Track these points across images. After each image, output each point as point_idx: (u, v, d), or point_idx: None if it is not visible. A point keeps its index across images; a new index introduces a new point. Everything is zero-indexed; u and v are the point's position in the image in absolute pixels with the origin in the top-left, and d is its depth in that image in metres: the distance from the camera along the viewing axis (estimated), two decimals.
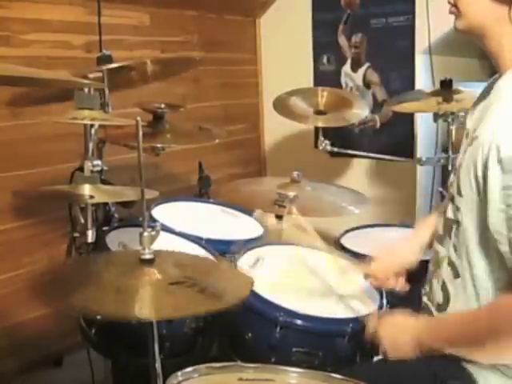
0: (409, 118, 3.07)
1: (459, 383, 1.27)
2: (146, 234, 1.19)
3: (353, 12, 3.18)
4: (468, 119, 1.38)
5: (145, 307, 1.10)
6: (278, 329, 1.50)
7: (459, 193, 1.25)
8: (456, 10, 1.27)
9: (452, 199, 1.29)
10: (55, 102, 1.84)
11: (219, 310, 1.12)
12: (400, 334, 1.35)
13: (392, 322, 1.39)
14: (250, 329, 1.57)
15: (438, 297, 1.35)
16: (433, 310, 1.38)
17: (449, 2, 1.29)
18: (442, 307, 1.34)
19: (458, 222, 1.27)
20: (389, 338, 1.37)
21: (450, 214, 1.30)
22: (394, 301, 1.63)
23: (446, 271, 1.32)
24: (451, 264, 1.30)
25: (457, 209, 1.26)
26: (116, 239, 1.76)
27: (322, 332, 1.53)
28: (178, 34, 3.05)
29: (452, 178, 1.35)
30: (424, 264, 1.50)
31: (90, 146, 1.70)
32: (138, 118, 1.17)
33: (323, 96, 2.47)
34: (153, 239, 1.20)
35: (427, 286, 1.42)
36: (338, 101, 2.49)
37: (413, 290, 1.56)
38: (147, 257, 1.20)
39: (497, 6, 1.21)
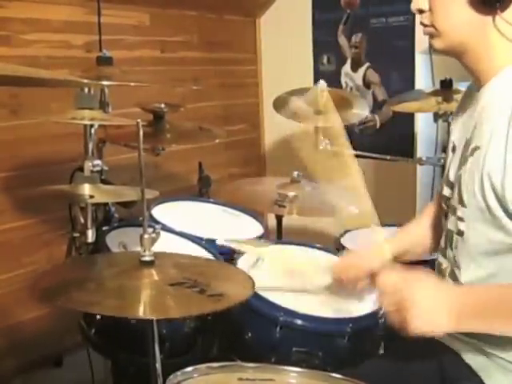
0: (409, 118, 3.06)
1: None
2: (146, 236, 1.20)
3: (353, 12, 3.18)
4: (452, 133, 1.35)
5: (145, 308, 1.10)
6: (278, 329, 1.49)
7: (462, 204, 1.23)
8: (434, 29, 1.21)
9: (454, 211, 1.28)
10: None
11: (219, 311, 1.13)
12: (436, 301, 1.12)
13: (424, 285, 1.15)
14: (250, 329, 1.57)
15: None
16: None
17: (421, 23, 1.24)
18: None
19: (460, 232, 1.25)
20: (422, 306, 1.11)
21: (451, 226, 1.29)
22: None
23: (448, 282, 1.31)
24: (452, 274, 1.30)
25: (460, 219, 1.25)
26: (116, 239, 1.76)
27: (322, 332, 1.52)
28: (177, 33, 3.06)
29: (447, 191, 1.33)
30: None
31: (90, 146, 1.70)
32: (139, 120, 1.17)
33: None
34: (153, 241, 1.20)
35: None
36: (338, 101, 2.49)
37: None
38: (147, 259, 1.20)
39: (481, 17, 1.16)
